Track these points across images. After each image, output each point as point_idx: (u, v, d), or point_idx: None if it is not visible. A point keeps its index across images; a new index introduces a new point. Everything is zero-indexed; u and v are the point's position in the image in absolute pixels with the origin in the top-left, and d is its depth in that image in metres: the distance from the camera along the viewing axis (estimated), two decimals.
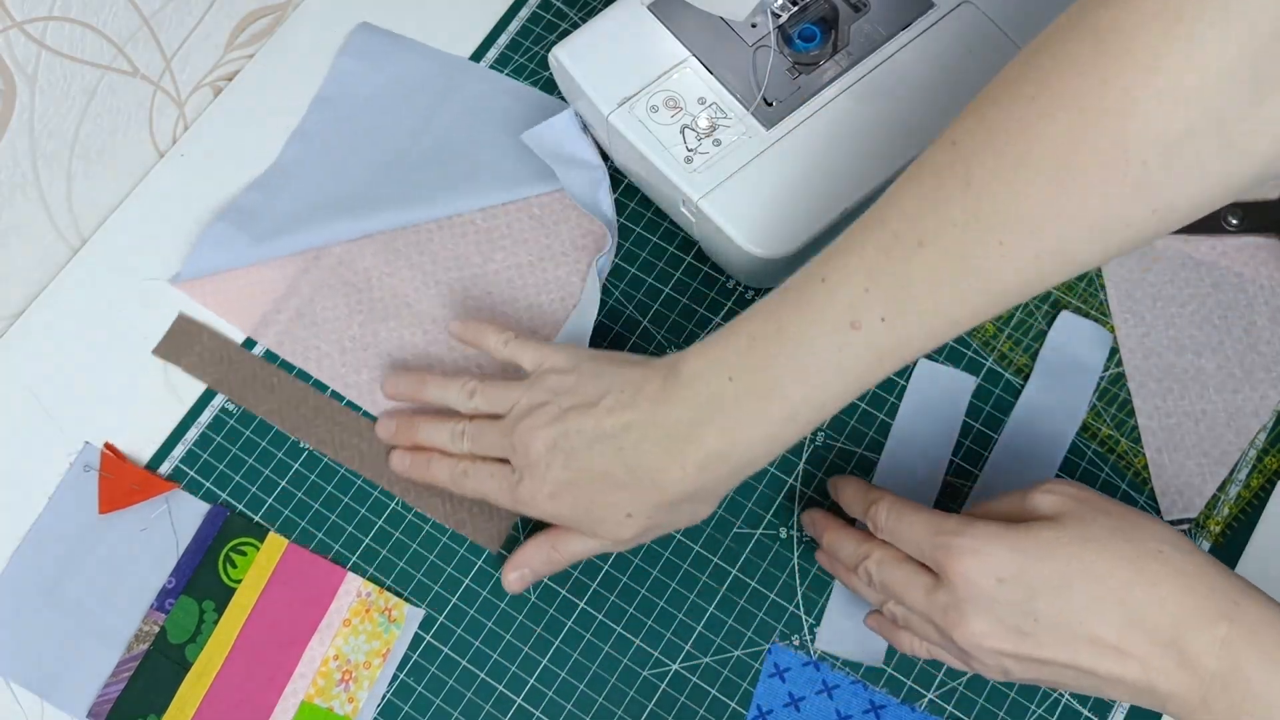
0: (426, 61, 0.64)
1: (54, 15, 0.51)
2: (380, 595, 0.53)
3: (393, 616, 0.53)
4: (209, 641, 0.52)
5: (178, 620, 0.53)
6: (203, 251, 0.59)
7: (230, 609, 0.53)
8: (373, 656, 0.52)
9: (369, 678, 0.52)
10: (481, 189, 0.60)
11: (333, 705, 0.52)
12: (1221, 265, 0.56)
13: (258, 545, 0.54)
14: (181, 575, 0.53)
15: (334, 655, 0.52)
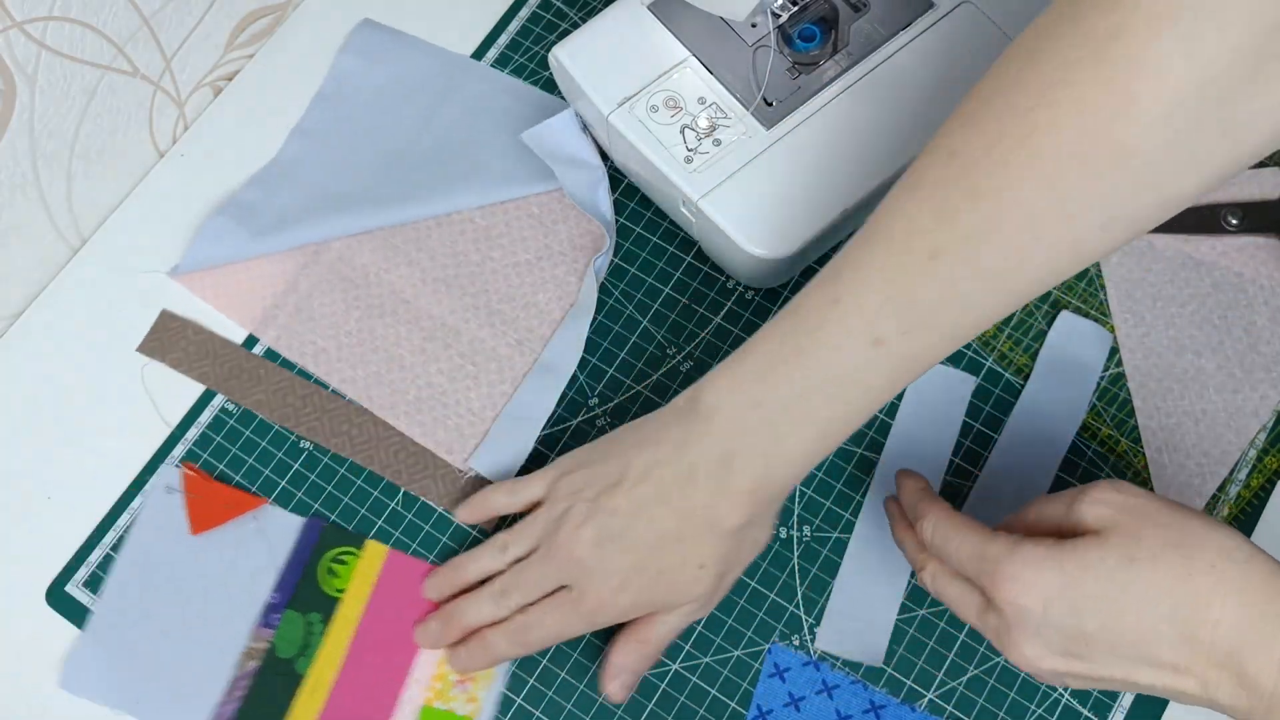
0: (427, 59, 0.64)
1: (54, 15, 0.51)
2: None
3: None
4: (319, 653, 0.52)
5: (285, 635, 0.52)
6: (201, 245, 0.59)
7: (337, 619, 0.52)
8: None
9: (486, 675, 0.51)
10: (480, 187, 0.60)
11: (453, 707, 0.51)
12: (1221, 265, 0.56)
13: (357, 553, 0.54)
14: (284, 590, 0.53)
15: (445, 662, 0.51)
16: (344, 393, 0.57)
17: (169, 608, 0.53)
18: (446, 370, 0.57)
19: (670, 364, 0.57)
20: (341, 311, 0.58)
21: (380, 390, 0.57)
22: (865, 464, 0.55)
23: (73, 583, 0.55)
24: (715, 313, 0.58)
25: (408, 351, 0.57)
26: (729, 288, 0.58)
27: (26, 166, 0.55)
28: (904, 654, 0.51)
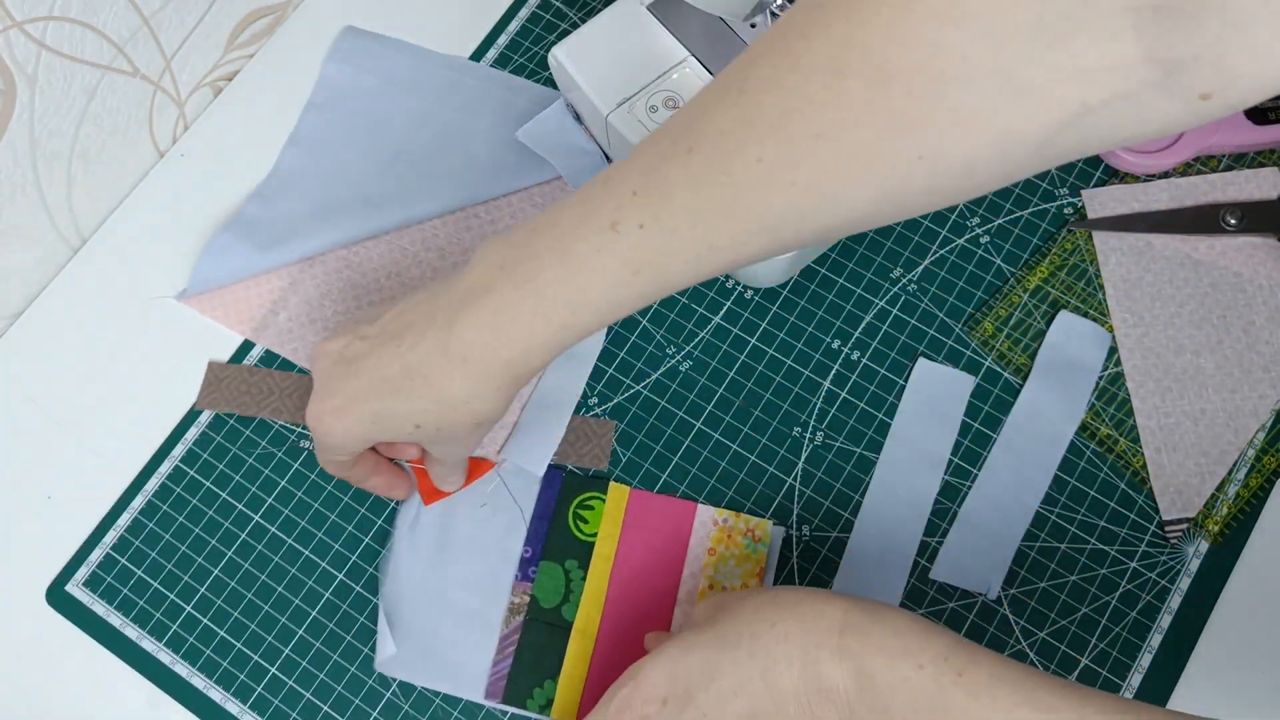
0: (415, 60, 0.64)
1: (54, 15, 0.51)
2: (738, 519, 0.53)
3: (756, 536, 0.53)
4: (582, 599, 0.52)
5: (545, 585, 0.53)
6: (207, 264, 0.59)
7: (594, 563, 0.53)
8: (748, 578, 0.52)
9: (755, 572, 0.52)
10: (481, 182, 0.60)
11: None
12: (1220, 265, 0.56)
13: (603, 497, 0.54)
14: (535, 542, 0.54)
15: (708, 585, 0.52)
16: None
17: (433, 580, 0.54)
18: None
19: (670, 364, 0.57)
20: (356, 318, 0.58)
21: None
22: (865, 464, 0.55)
23: (73, 583, 0.55)
24: (714, 312, 0.58)
25: None
26: (728, 288, 0.59)
27: (26, 166, 0.55)
28: None
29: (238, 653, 0.53)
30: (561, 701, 0.51)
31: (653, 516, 0.54)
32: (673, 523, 0.53)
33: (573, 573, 0.53)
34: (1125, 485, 0.54)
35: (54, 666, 0.54)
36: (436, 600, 0.53)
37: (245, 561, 0.55)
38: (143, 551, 0.55)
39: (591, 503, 0.54)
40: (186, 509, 0.56)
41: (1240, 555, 0.52)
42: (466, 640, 0.53)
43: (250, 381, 0.57)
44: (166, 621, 0.54)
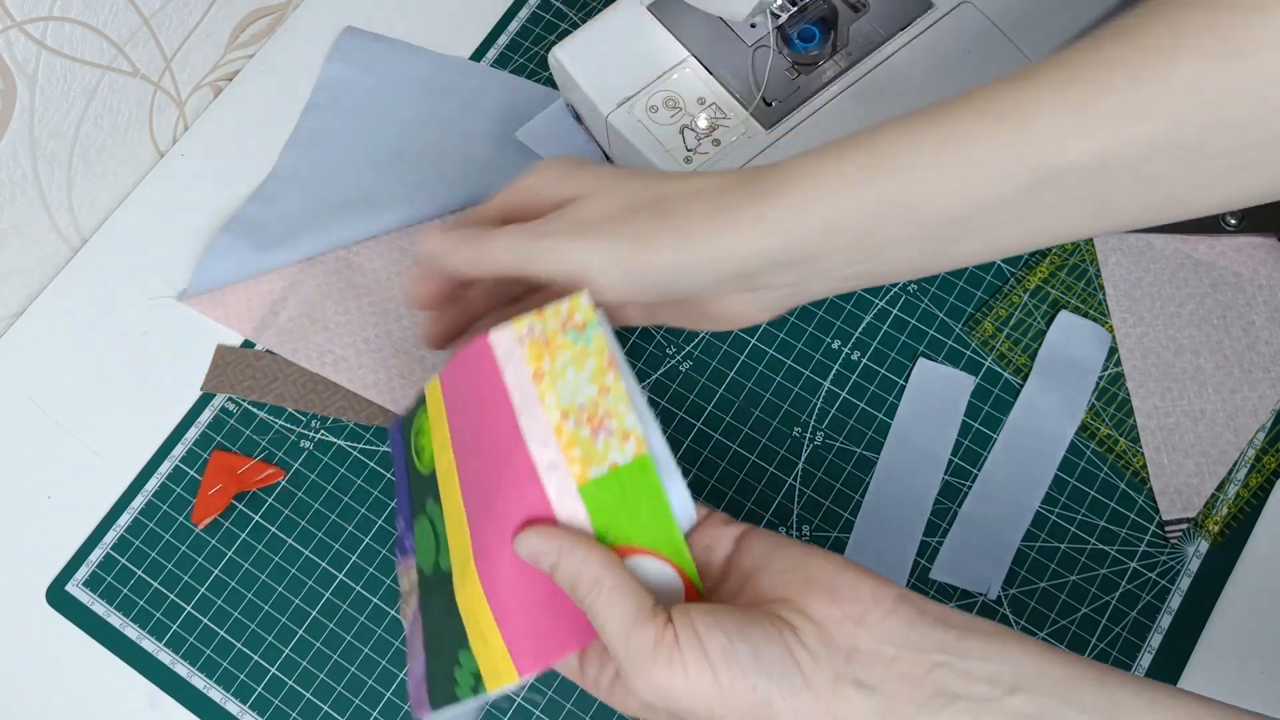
0: (415, 60, 0.64)
1: (54, 15, 0.51)
2: (542, 317, 0.39)
3: (578, 322, 0.39)
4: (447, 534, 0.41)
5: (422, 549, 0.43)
6: (208, 265, 0.59)
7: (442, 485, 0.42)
8: (600, 378, 0.38)
9: (618, 400, 0.38)
10: (482, 182, 0.60)
11: (613, 463, 0.37)
12: (1220, 265, 0.56)
13: (425, 410, 0.44)
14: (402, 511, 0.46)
15: (561, 415, 0.38)
16: (369, 397, 0.57)
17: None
18: None
19: (670, 364, 0.57)
20: (357, 319, 0.58)
21: (406, 392, 0.57)
22: (865, 464, 0.55)
23: (73, 583, 0.55)
24: None
25: (429, 351, 0.57)
26: None
27: (26, 166, 0.55)
28: None
29: (238, 653, 0.53)
30: (490, 667, 0.38)
31: (462, 387, 0.41)
32: (480, 376, 0.40)
33: (434, 513, 0.42)
34: (1125, 485, 0.54)
35: (54, 666, 0.54)
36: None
37: (245, 562, 0.55)
38: (143, 551, 0.55)
39: (420, 424, 0.44)
40: (186, 509, 0.56)
41: (1240, 555, 0.52)
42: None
43: (257, 366, 0.58)
44: (166, 621, 0.54)
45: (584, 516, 0.38)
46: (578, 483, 0.38)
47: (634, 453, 0.37)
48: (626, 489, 0.37)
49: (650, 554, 0.37)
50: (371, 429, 0.57)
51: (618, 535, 0.37)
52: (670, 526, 0.37)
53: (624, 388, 0.38)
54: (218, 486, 0.55)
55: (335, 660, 0.53)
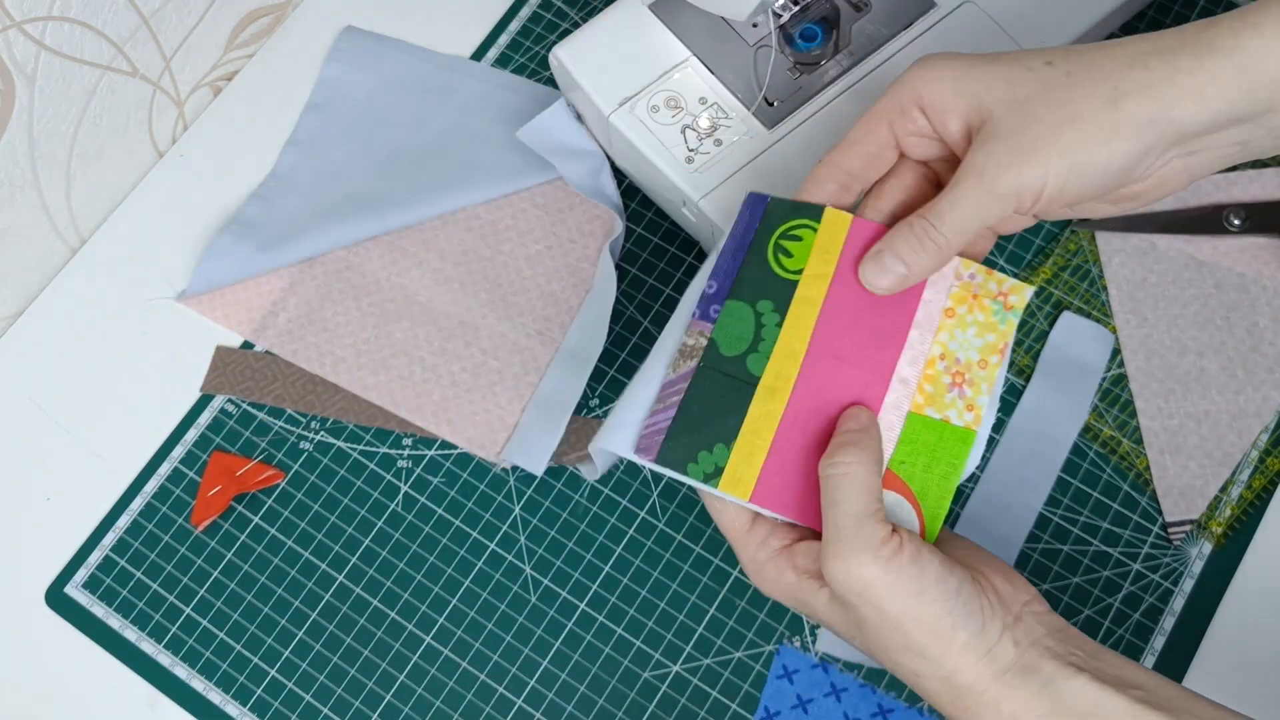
0: (415, 60, 0.64)
1: (53, 15, 0.51)
2: (989, 277, 0.42)
3: (1009, 303, 0.42)
4: (775, 349, 0.41)
5: (728, 329, 0.42)
6: (207, 265, 0.59)
7: (795, 307, 0.42)
8: (988, 353, 0.41)
9: (987, 379, 0.41)
10: (482, 182, 0.60)
11: (948, 416, 0.41)
12: (1224, 266, 0.56)
13: (814, 225, 0.42)
14: (724, 275, 0.42)
15: (940, 354, 0.41)
16: (369, 399, 0.56)
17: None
18: (470, 367, 0.57)
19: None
20: (357, 320, 0.58)
21: (406, 393, 0.57)
22: None
23: (72, 584, 0.55)
24: None
25: (428, 353, 0.57)
26: None
27: (26, 166, 0.55)
28: None
29: (238, 655, 0.53)
30: (734, 472, 0.40)
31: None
32: None
33: (765, 317, 0.42)
34: (1128, 487, 0.53)
35: (53, 669, 0.54)
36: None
37: (245, 563, 0.55)
38: (142, 553, 0.55)
39: (799, 232, 0.42)
40: (186, 511, 0.56)
41: (1243, 557, 0.52)
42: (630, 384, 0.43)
43: (256, 367, 0.57)
44: (166, 623, 0.54)
45: (895, 434, 0.41)
46: (912, 408, 0.41)
47: (968, 424, 0.41)
48: (940, 443, 0.41)
49: (913, 501, 0.41)
50: (371, 430, 0.57)
51: (903, 468, 0.41)
52: (946, 495, 0.41)
53: (997, 375, 0.41)
54: (217, 488, 0.55)
55: (335, 662, 0.53)
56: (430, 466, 0.56)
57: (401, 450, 0.56)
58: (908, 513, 0.40)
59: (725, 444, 0.40)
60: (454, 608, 0.54)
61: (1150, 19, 0.61)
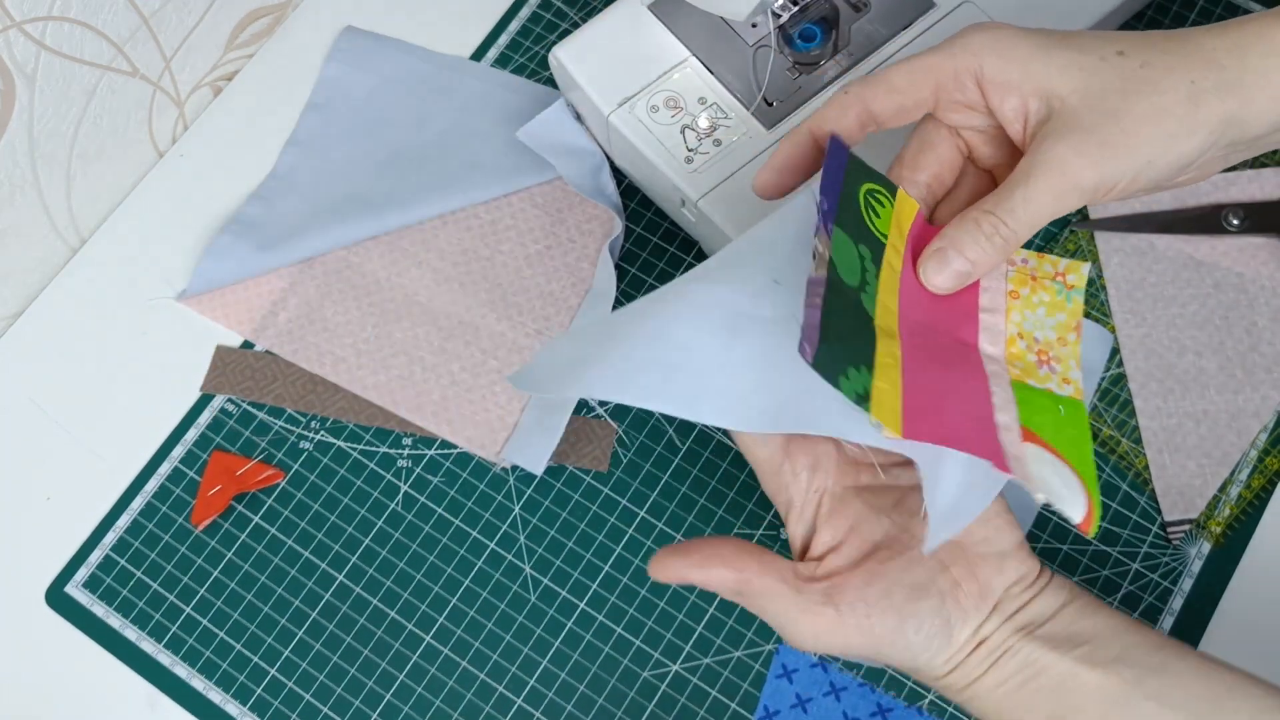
0: (415, 60, 0.64)
1: (53, 15, 0.51)
2: (1042, 261, 0.42)
3: (1069, 282, 0.42)
4: (877, 298, 0.39)
5: (842, 255, 0.38)
6: (207, 265, 0.59)
7: (885, 267, 0.40)
8: (1064, 331, 0.41)
9: (1072, 355, 0.41)
10: (481, 182, 0.60)
11: (1049, 387, 0.40)
12: (1223, 266, 0.56)
13: (890, 199, 0.41)
14: (831, 197, 0.39)
15: (1018, 334, 0.41)
16: (369, 398, 0.57)
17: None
18: (469, 367, 0.57)
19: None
20: (357, 320, 0.58)
21: (406, 393, 0.57)
22: None
23: (72, 583, 0.55)
24: None
25: (428, 352, 0.57)
26: None
27: (26, 166, 0.55)
28: None
29: (238, 654, 0.53)
30: (882, 402, 0.36)
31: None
32: None
33: (866, 263, 0.39)
34: (1127, 486, 0.53)
35: (54, 668, 0.54)
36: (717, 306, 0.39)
37: (245, 563, 0.55)
38: (142, 553, 0.55)
39: (881, 198, 0.41)
40: (186, 511, 0.56)
41: (1242, 557, 0.52)
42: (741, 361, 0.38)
43: (256, 367, 0.57)
44: (166, 623, 0.54)
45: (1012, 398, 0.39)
46: (1015, 379, 0.40)
47: (1072, 395, 0.40)
48: (1053, 410, 0.39)
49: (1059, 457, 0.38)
50: (371, 430, 0.57)
51: (1042, 430, 0.38)
52: (1088, 461, 0.38)
53: (1079, 351, 0.40)
54: (217, 488, 0.55)
55: (335, 662, 0.53)
56: (430, 466, 0.56)
57: (401, 450, 0.56)
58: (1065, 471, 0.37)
59: (866, 368, 0.36)
60: (454, 607, 0.54)
61: (1149, 19, 0.61)
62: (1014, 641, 0.39)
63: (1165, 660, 0.39)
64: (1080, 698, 0.38)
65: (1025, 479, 0.37)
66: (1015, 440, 0.38)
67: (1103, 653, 0.39)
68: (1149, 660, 0.38)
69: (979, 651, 0.40)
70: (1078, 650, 0.39)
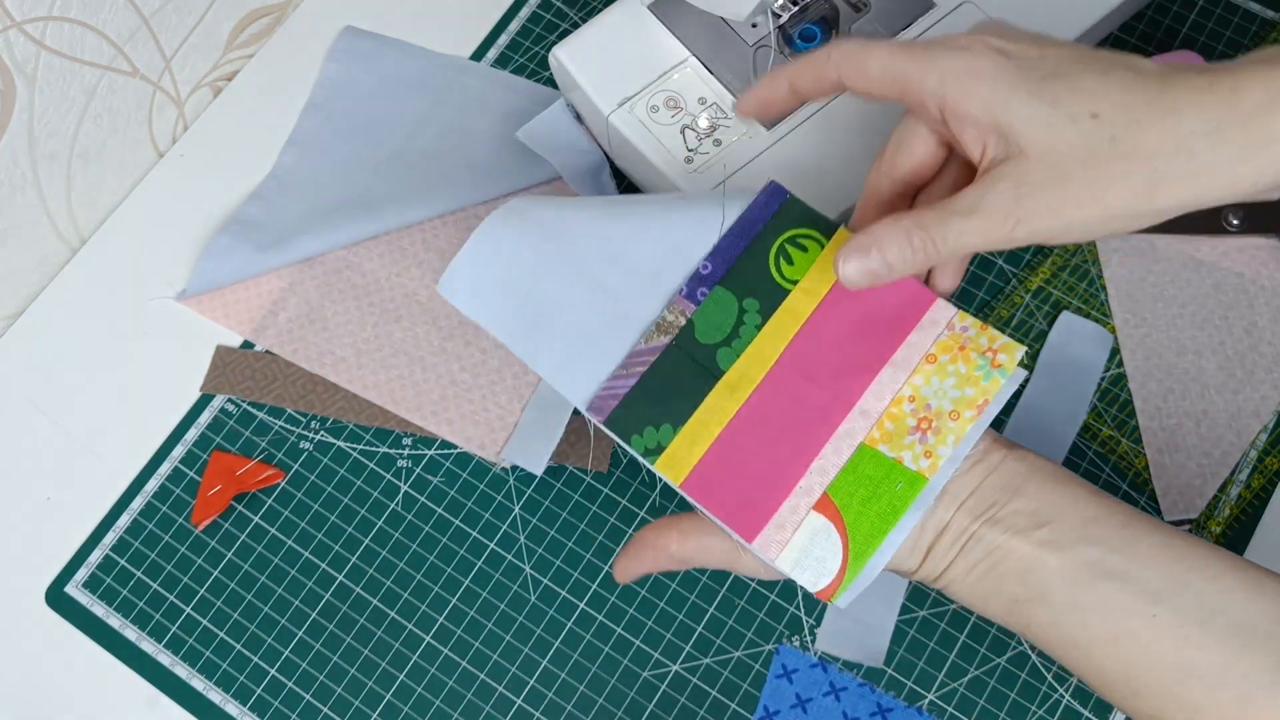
0: (415, 60, 0.64)
1: (54, 15, 0.51)
2: (982, 332, 0.41)
3: (997, 361, 0.41)
4: (748, 349, 0.41)
5: (710, 316, 0.41)
6: (206, 266, 0.59)
7: (779, 314, 0.42)
8: (963, 406, 0.40)
9: (955, 432, 0.40)
10: (482, 182, 0.60)
11: (902, 457, 0.40)
12: (1223, 266, 0.56)
13: (823, 241, 0.42)
14: (721, 260, 0.42)
15: (910, 396, 0.41)
16: (369, 398, 0.57)
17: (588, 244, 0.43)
18: (469, 366, 0.57)
19: None
20: (357, 320, 0.58)
21: (406, 393, 0.57)
22: None
23: (72, 583, 0.55)
24: None
25: (428, 352, 0.57)
26: None
27: (26, 166, 0.55)
28: (904, 655, 0.51)
29: (238, 654, 0.53)
30: (674, 456, 0.41)
31: (877, 291, 0.42)
32: (896, 306, 0.42)
33: (748, 315, 0.42)
34: (1127, 487, 0.53)
35: (53, 668, 0.54)
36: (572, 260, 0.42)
37: (245, 563, 0.55)
38: (142, 553, 0.55)
39: (806, 242, 0.42)
40: (186, 511, 0.56)
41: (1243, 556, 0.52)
42: (591, 329, 0.42)
43: (256, 367, 0.57)
44: (166, 623, 0.54)
45: (841, 462, 0.40)
46: (866, 441, 0.40)
47: (920, 471, 0.40)
48: (886, 481, 0.40)
49: (842, 531, 0.40)
50: (371, 430, 0.57)
51: (841, 496, 0.40)
52: (879, 535, 0.40)
53: (969, 431, 0.40)
54: (217, 488, 0.55)
55: (335, 662, 0.53)
56: (430, 466, 0.56)
57: (401, 450, 0.56)
58: (833, 541, 0.40)
59: (674, 426, 0.41)
60: (454, 607, 0.54)
61: (1149, 19, 0.61)
62: (976, 528, 0.39)
63: (1131, 537, 0.39)
64: (1043, 580, 0.39)
65: (767, 548, 0.40)
66: (803, 506, 0.40)
67: (1065, 533, 0.39)
68: (1112, 538, 0.39)
69: (942, 540, 0.40)
70: (1039, 532, 0.39)
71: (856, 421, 0.41)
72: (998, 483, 0.40)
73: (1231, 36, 0.61)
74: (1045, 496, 0.40)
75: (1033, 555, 0.39)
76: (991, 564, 0.39)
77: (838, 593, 0.40)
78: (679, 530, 0.43)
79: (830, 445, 0.41)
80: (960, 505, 0.40)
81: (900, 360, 0.41)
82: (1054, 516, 0.39)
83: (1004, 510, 0.39)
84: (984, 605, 0.40)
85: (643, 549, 0.43)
